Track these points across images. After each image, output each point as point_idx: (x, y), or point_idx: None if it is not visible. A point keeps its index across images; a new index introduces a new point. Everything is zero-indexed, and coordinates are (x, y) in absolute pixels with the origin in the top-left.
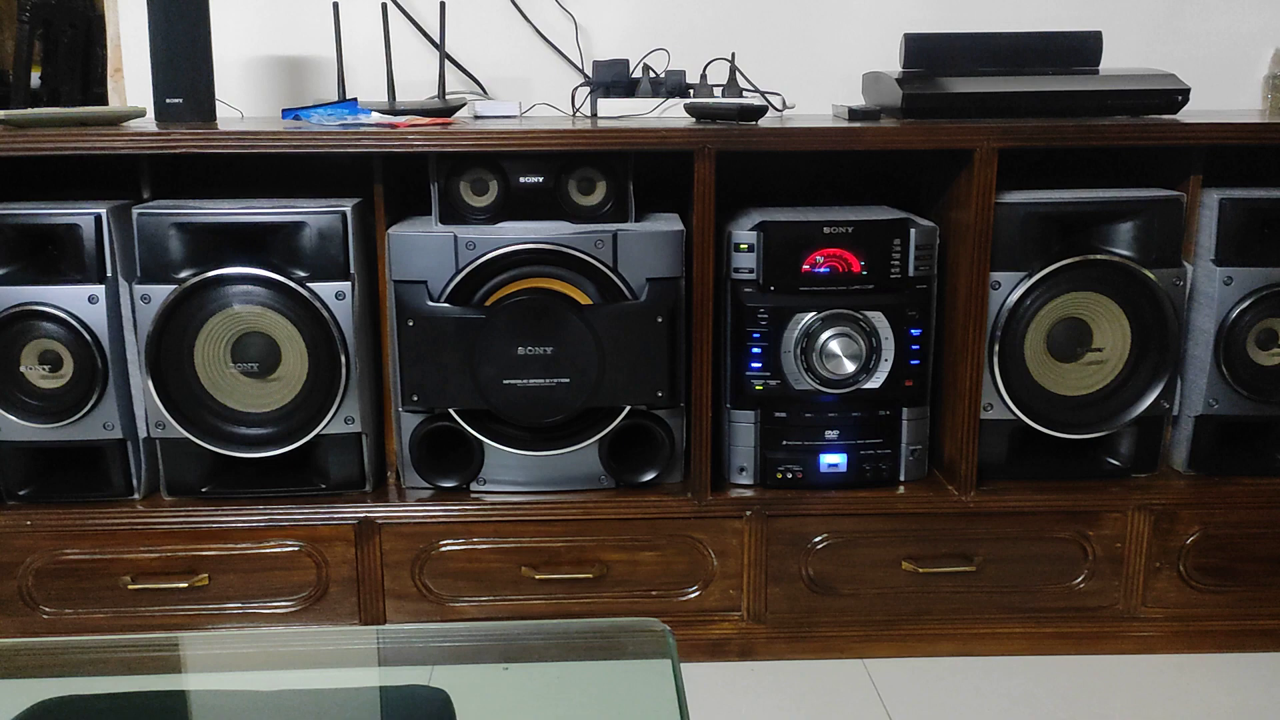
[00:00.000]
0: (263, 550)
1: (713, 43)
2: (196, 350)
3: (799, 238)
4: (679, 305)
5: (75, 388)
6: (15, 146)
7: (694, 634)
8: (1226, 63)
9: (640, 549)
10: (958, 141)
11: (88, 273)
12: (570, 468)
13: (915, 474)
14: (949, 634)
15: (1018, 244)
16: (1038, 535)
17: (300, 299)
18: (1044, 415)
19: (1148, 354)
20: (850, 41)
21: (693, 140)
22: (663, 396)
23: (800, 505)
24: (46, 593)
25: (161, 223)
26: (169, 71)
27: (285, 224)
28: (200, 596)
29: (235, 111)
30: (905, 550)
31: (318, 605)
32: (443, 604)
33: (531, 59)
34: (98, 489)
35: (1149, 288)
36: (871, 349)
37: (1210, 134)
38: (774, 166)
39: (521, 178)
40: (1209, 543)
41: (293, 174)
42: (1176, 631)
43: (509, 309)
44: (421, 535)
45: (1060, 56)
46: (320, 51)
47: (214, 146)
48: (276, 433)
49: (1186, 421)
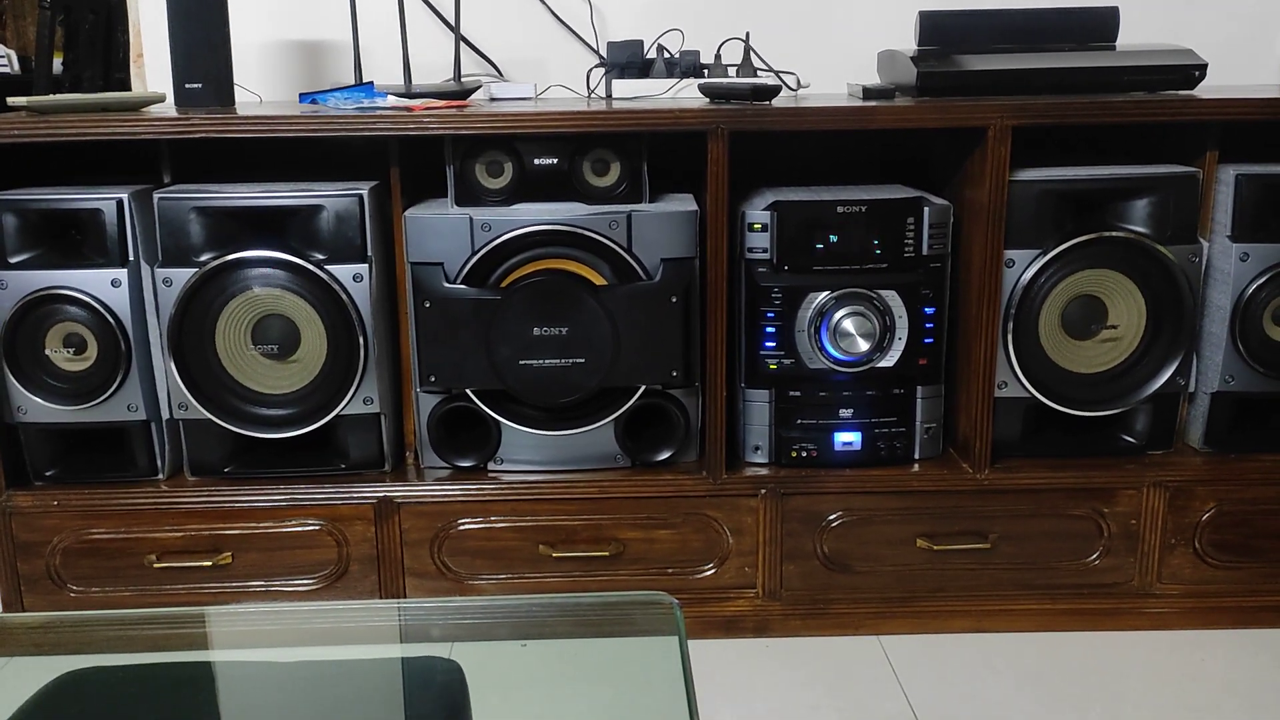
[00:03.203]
0: (284, 529)
1: (727, 23)
2: (218, 332)
3: (813, 217)
4: (693, 285)
5: (99, 370)
6: (38, 132)
7: (710, 611)
8: (1244, 38)
9: (656, 527)
10: (971, 119)
11: (110, 257)
12: (586, 447)
13: (930, 452)
14: (964, 611)
15: (1032, 221)
16: (1052, 512)
17: (319, 281)
18: (1059, 393)
19: (1163, 331)
20: (865, 20)
21: (706, 120)
22: (677, 376)
23: (815, 483)
24: (73, 571)
25: (182, 207)
26: (188, 57)
27: (303, 207)
28: (224, 575)
29: (253, 96)
30: (920, 528)
31: (339, 583)
32: (461, 582)
33: (546, 41)
34: (123, 469)
35: (1164, 264)
36: (885, 328)
37: (1227, 110)
38: (788, 146)
39: (536, 159)
40: (1225, 519)
41: (310, 157)
42: (1192, 608)
43: (525, 290)
44: (440, 514)
45: (1076, 32)
46: (337, 36)
47: (233, 131)
48: (297, 413)
49: (1202, 398)
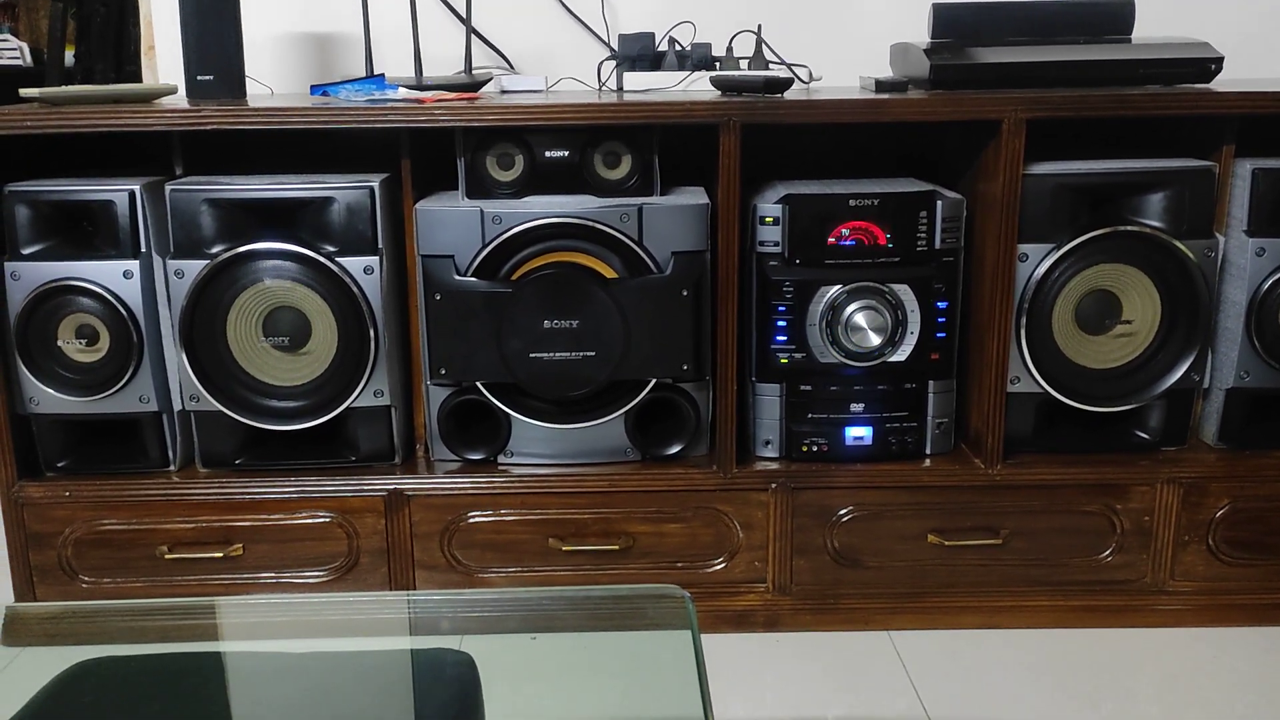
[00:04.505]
0: (295, 521)
1: (739, 15)
2: (229, 324)
3: (824, 210)
4: (704, 278)
5: (111, 361)
6: (50, 124)
7: (720, 605)
8: (1261, 31)
9: (666, 521)
10: (985, 112)
11: (122, 248)
12: (596, 441)
13: (941, 447)
14: (974, 606)
15: (1046, 216)
16: (1065, 508)
17: (329, 274)
18: (1072, 388)
19: (1178, 326)
20: (878, 12)
21: (718, 113)
22: (688, 370)
23: (826, 478)
24: (85, 562)
25: (194, 199)
26: (200, 49)
27: (314, 199)
28: (235, 566)
29: (265, 88)
30: (931, 523)
31: (349, 575)
32: (471, 575)
33: (557, 33)
34: (134, 461)
35: (1180, 259)
36: (897, 322)
37: (1243, 103)
38: (800, 139)
39: (547, 152)
40: (1239, 516)
41: (321, 150)
42: (1205, 605)
43: (535, 283)
44: (450, 507)
45: (1092, 25)
46: (348, 28)
47: (244, 123)
48: (307, 406)
49: (1217, 394)
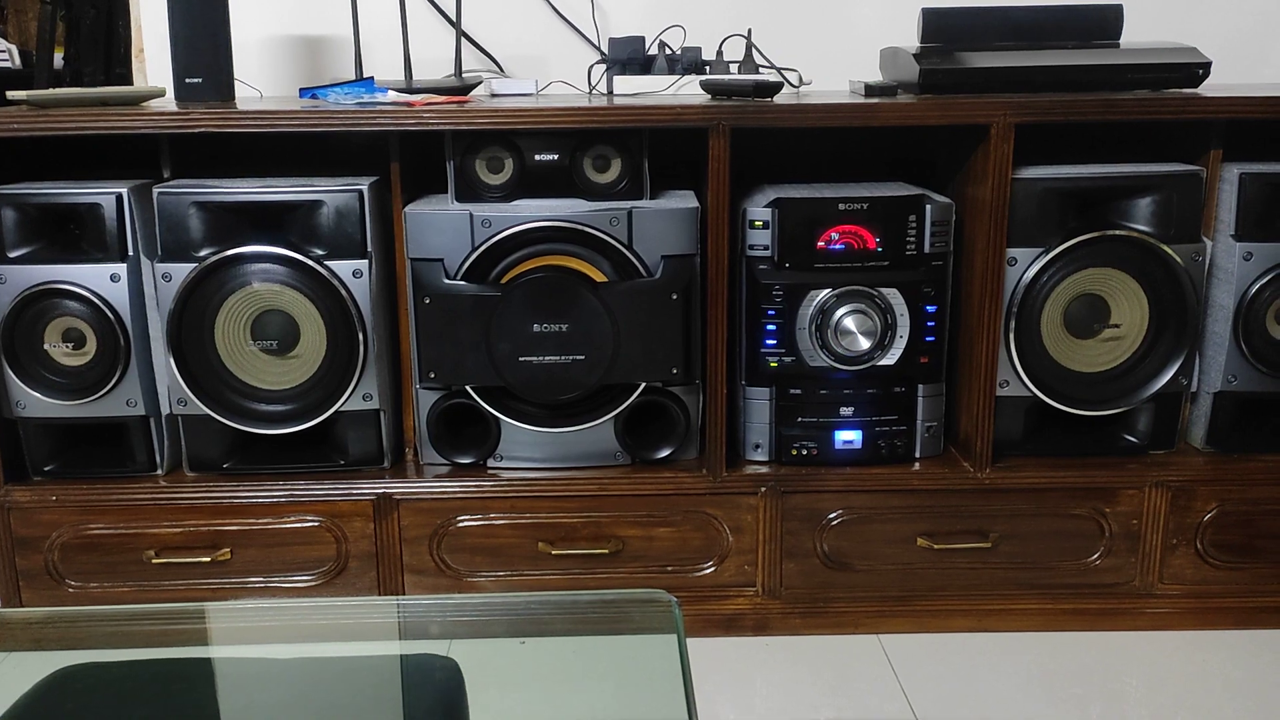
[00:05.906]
0: (283, 525)
1: (729, 19)
2: (217, 328)
3: (814, 214)
4: (694, 282)
5: (98, 365)
6: (38, 126)
7: (709, 609)
8: (1249, 37)
9: (656, 525)
10: (974, 116)
11: (109, 251)
12: (586, 444)
13: (931, 450)
14: (964, 610)
15: (1034, 220)
16: (1054, 512)
17: (318, 277)
18: (1060, 392)
19: (1166, 330)
20: (868, 17)
21: (707, 117)
22: (678, 373)
23: (815, 482)
24: (72, 566)
25: (182, 202)
26: (188, 52)
27: (303, 202)
28: (222, 571)
29: (254, 91)
30: (920, 526)
31: (337, 579)
32: (460, 579)
33: (548, 37)
34: (121, 465)
35: (1167, 263)
36: (887, 326)
37: (1230, 108)
38: (789, 143)
39: (537, 155)
40: (1227, 519)
41: (310, 153)
42: (1193, 608)
43: (525, 286)
44: (439, 511)
45: (1080, 30)
46: (337, 31)
47: (233, 126)
48: (296, 409)
49: (1205, 398)
